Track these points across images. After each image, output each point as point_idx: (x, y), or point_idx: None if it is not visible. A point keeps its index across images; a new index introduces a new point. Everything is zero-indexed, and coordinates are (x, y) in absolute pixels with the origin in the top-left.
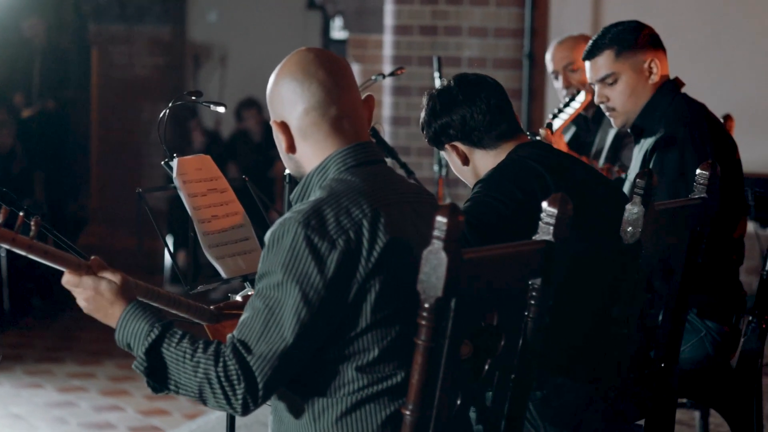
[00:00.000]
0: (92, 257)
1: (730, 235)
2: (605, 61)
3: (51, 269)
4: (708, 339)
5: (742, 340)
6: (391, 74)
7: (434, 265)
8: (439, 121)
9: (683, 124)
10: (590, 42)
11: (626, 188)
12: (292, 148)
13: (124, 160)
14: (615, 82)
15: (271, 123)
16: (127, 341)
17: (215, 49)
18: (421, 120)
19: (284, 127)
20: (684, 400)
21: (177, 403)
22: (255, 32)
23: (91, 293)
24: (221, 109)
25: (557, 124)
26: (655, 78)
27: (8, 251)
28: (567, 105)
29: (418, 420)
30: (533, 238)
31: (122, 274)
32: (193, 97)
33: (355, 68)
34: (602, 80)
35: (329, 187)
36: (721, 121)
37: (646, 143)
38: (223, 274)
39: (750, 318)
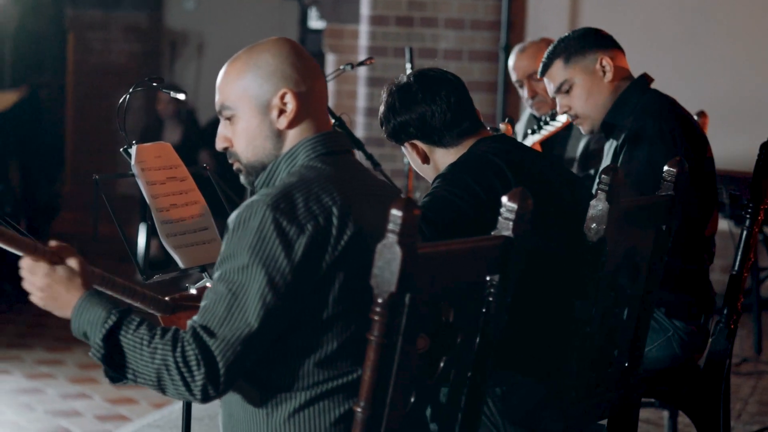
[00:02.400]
0: (51, 242)
1: (700, 234)
2: (556, 71)
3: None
4: (675, 339)
5: (710, 340)
6: (360, 64)
7: (388, 259)
8: (399, 118)
9: (652, 118)
10: (542, 60)
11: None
12: (295, 122)
13: (99, 146)
14: (570, 88)
15: (288, 93)
16: (83, 330)
17: (192, 37)
18: (380, 115)
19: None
20: (652, 400)
21: (145, 392)
22: (232, 21)
23: (46, 280)
24: (181, 96)
25: (535, 138)
26: (609, 76)
27: None
28: (547, 123)
29: (370, 418)
30: (492, 233)
31: (80, 260)
32: (154, 84)
33: (331, 59)
34: (559, 90)
35: (299, 173)
36: (694, 116)
37: (617, 139)
38: (180, 264)
39: (718, 318)
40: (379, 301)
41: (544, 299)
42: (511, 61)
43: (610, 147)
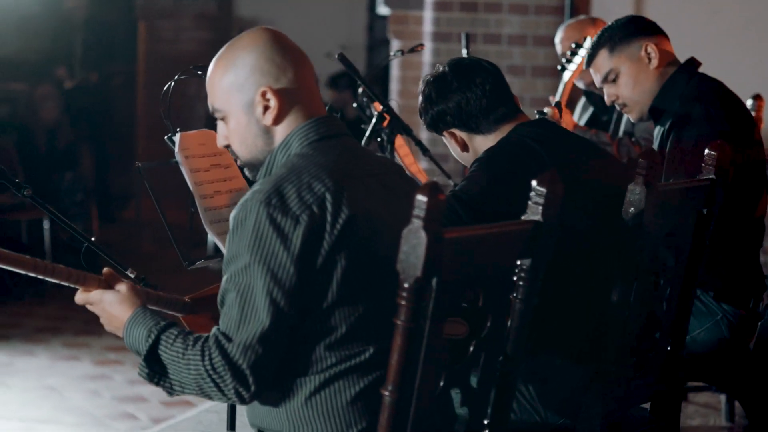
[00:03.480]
0: (104, 269)
1: (749, 216)
2: (602, 61)
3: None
4: (724, 322)
5: (759, 323)
6: (411, 51)
7: (413, 244)
8: (435, 108)
9: (699, 102)
10: (587, 52)
11: None
12: (282, 115)
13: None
14: (617, 77)
15: (268, 91)
16: (135, 349)
17: (261, 25)
18: (419, 107)
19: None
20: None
21: None
22: (302, 8)
23: (100, 306)
24: None
25: (566, 77)
26: (655, 62)
27: (52, 223)
28: (569, 61)
29: (398, 401)
30: (522, 217)
31: (128, 284)
32: (199, 72)
33: (395, 44)
34: (605, 80)
35: (290, 163)
36: (749, 100)
37: (663, 125)
38: (223, 250)
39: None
40: (406, 285)
41: (581, 283)
42: (557, 37)
43: (657, 132)
